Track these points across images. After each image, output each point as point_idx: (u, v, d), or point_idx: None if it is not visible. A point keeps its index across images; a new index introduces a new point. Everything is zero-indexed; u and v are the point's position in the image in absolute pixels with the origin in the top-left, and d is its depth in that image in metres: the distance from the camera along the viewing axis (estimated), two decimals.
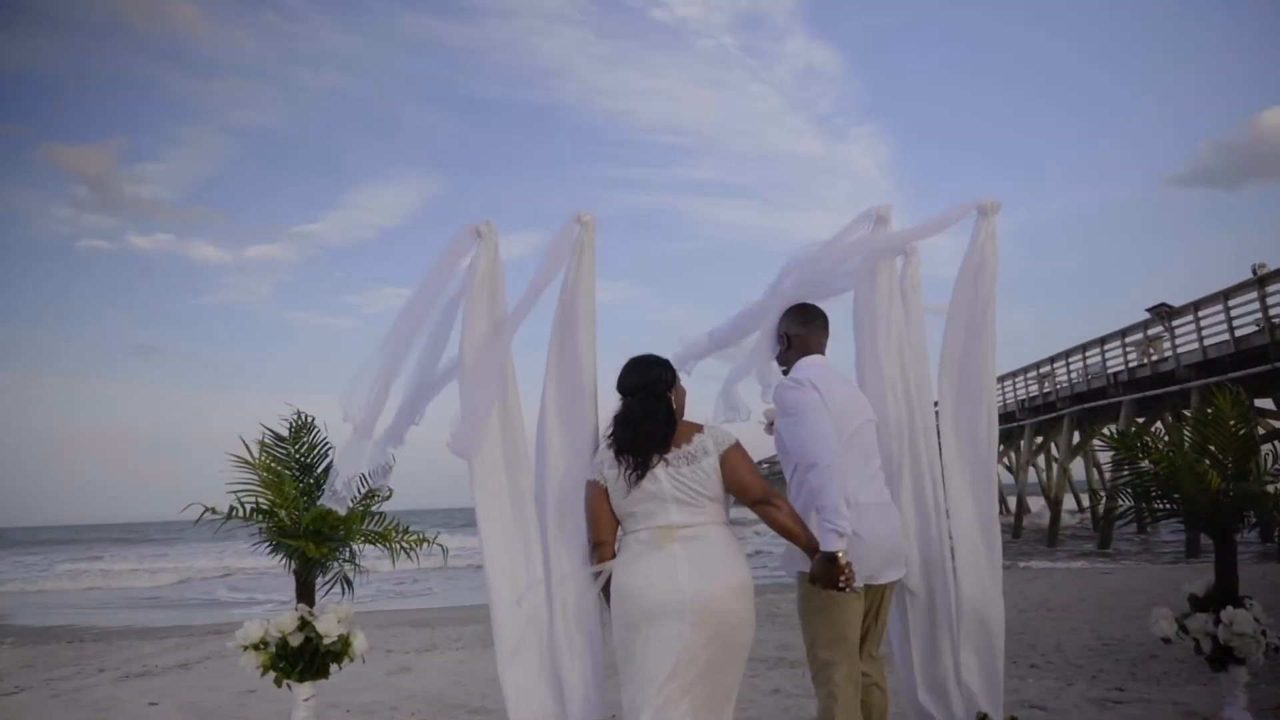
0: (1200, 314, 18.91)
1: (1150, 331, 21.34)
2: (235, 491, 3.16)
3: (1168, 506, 3.28)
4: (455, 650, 8.09)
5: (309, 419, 3.37)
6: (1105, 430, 3.75)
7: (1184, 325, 19.69)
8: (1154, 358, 21.11)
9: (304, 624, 2.96)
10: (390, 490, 3.23)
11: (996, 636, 3.08)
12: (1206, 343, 18.65)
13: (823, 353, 3.05)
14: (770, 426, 3.17)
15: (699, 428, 2.75)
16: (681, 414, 2.86)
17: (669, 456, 2.66)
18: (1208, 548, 16.15)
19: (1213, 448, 3.18)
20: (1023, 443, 29.20)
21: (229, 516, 3.10)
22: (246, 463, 3.21)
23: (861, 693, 2.89)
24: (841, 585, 2.56)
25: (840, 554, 2.56)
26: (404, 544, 3.29)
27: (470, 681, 6.32)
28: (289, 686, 3.01)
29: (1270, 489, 3.14)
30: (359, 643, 3.05)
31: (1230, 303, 17.77)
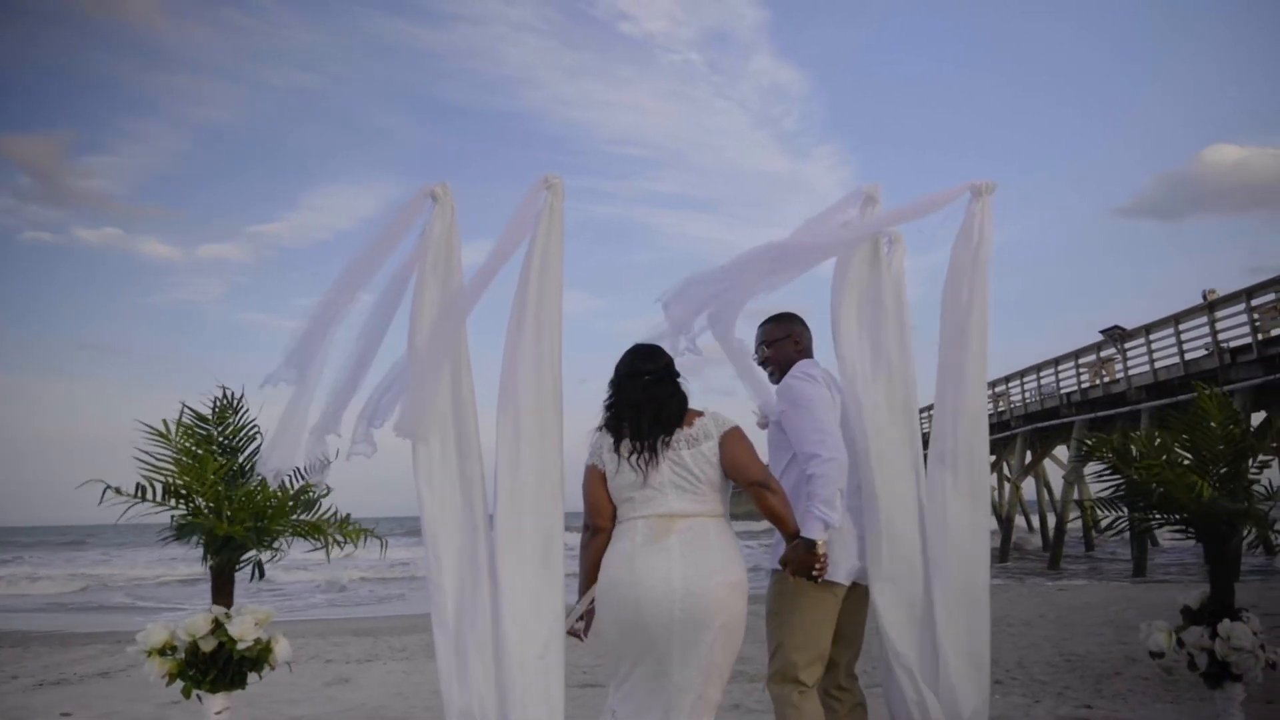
0: (1151, 337, 19.24)
1: (1103, 353, 21.67)
2: (144, 469, 2.78)
3: (1160, 517, 3.10)
4: (398, 660, 7.74)
5: (236, 397, 3.00)
6: (1082, 440, 3.57)
7: (1136, 347, 20.02)
8: (1106, 379, 21.42)
9: (217, 627, 2.61)
10: (328, 489, 2.92)
11: (982, 649, 2.87)
12: (1157, 365, 18.97)
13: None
14: (765, 420, 3.08)
15: (700, 412, 2.70)
16: None
17: (670, 440, 2.61)
18: (1155, 567, 16.39)
19: (1205, 453, 3.01)
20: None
21: (137, 497, 2.74)
22: (161, 435, 2.82)
23: (845, 711, 2.83)
24: (814, 575, 2.56)
25: (820, 543, 2.56)
26: (339, 537, 2.92)
27: (413, 694, 6.03)
28: (199, 698, 2.67)
29: (1250, 505, 2.96)
30: (281, 649, 2.69)
31: (1181, 327, 18.13)
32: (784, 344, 3.11)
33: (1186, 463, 2.96)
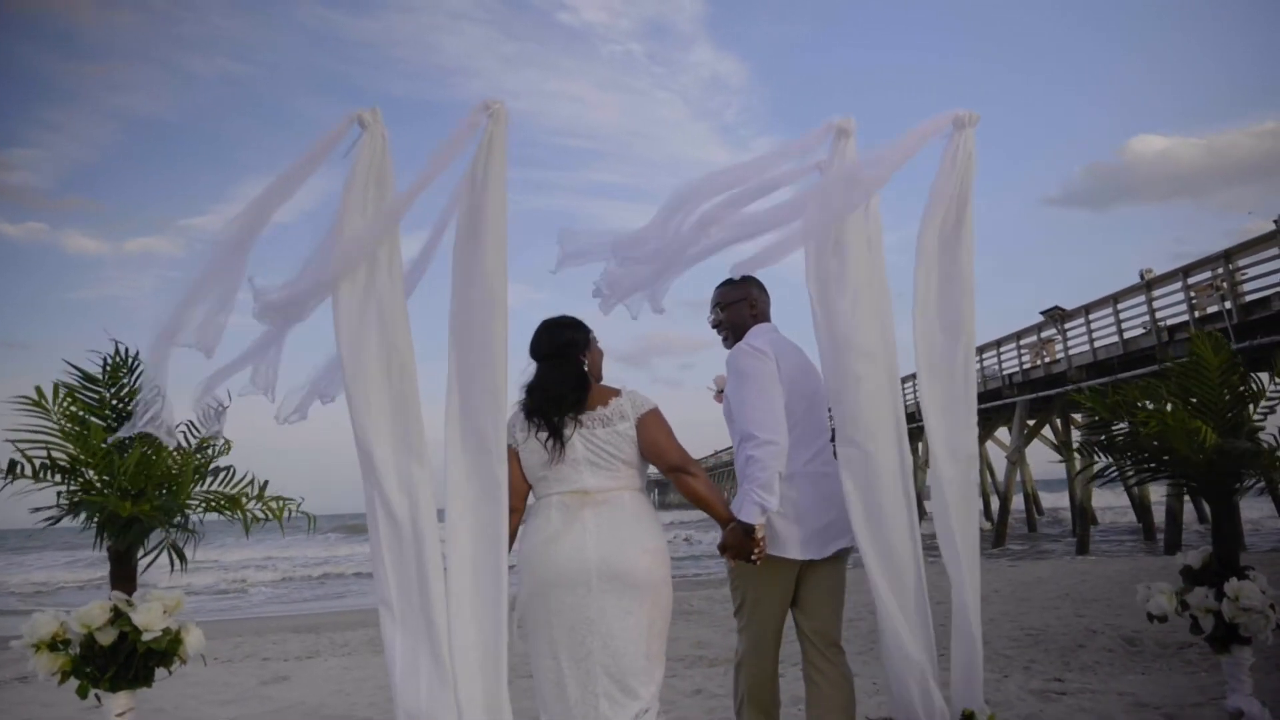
0: (1091, 317, 19.56)
1: (1044, 334, 22.00)
2: (17, 441, 2.37)
3: (1153, 468, 2.92)
4: (340, 657, 7.35)
5: (130, 355, 2.60)
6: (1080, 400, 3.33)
7: (1075, 328, 20.34)
8: (1047, 359, 21.77)
9: (118, 616, 2.25)
10: (227, 442, 2.58)
11: (974, 624, 2.63)
12: (1097, 344, 19.30)
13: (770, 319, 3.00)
14: (720, 394, 2.95)
15: (617, 392, 2.64)
16: (598, 375, 2.74)
17: (583, 418, 2.56)
18: (1098, 549, 16.67)
19: (1195, 400, 2.83)
20: (920, 444, 29.77)
21: (11, 475, 2.34)
22: (37, 405, 2.41)
23: (828, 685, 2.72)
24: (754, 558, 2.53)
25: (758, 527, 2.53)
26: (260, 512, 2.55)
27: (356, 691, 5.67)
28: (98, 698, 2.31)
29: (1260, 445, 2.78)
30: (193, 640, 2.32)
31: (1119, 306, 18.41)
32: (739, 307, 2.97)
33: (1186, 412, 2.76)
